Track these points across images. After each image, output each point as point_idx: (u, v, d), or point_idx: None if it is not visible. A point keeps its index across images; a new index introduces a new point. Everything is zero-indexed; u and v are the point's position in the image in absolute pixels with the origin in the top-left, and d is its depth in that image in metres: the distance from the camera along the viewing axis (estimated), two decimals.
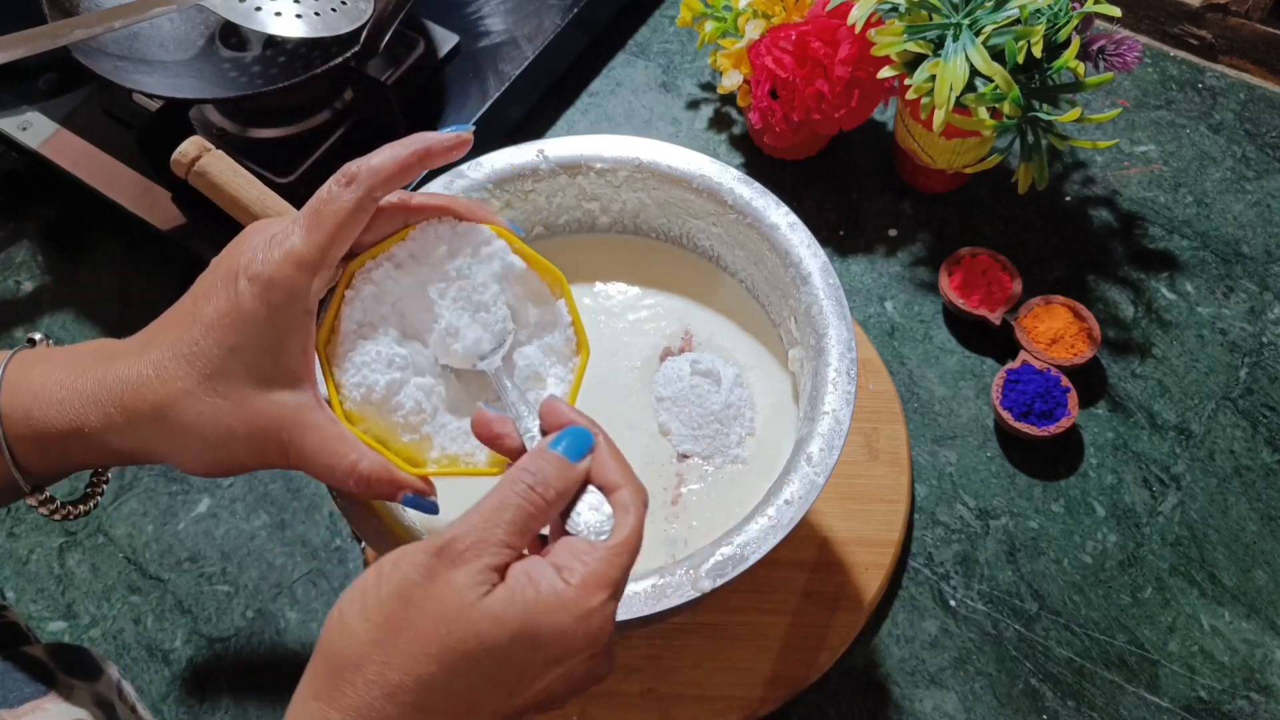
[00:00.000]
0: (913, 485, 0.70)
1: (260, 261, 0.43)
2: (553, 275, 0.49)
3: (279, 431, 0.44)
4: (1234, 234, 0.80)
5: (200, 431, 0.43)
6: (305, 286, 0.43)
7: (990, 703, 0.63)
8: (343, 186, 0.43)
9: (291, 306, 0.43)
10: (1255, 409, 0.72)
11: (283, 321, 0.43)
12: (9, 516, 0.72)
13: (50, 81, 0.83)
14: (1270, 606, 0.66)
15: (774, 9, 0.77)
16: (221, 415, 0.43)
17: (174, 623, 0.68)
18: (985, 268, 0.75)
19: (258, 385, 0.43)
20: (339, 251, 0.44)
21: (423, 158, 0.45)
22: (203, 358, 0.43)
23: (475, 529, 0.38)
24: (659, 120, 0.88)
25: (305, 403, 0.44)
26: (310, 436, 0.44)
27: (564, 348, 0.49)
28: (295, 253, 0.43)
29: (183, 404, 0.43)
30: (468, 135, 0.47)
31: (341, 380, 0.46)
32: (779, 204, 0.61)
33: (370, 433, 0.46)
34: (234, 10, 0.71)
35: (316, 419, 0.44)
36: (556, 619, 0.37)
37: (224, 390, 0.43)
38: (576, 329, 0.49)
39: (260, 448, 0.44)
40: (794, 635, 0.64)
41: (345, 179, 0.43)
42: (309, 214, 0.43)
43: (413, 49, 0.81)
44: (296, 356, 0.44)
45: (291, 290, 0.43)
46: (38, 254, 0.84)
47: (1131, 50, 0.69)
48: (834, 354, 0.56)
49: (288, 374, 0.44)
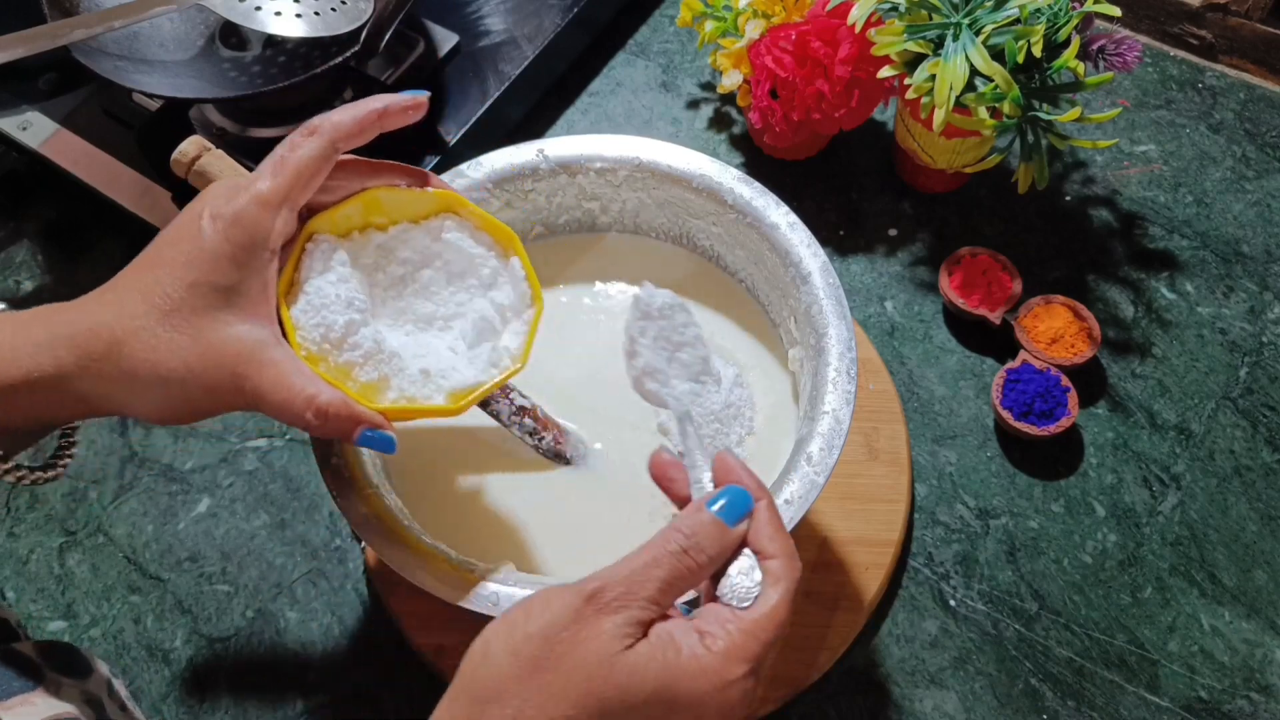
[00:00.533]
0: (913, 485, 0.70)
1: (225, 202, 0.44)
2: (504, 234, 0.52)
3: (236, 365, 0.44)
4: (1234, 234, 0.79)
5: (156, 370, 0.43)
6: (268, 225, 0.44)
7: (990, 703, 0.63)
8: (305, 136, 0.45)
9: (254, 245, 0.44)
10: (1255, 409, 0.72)
11: (245, 258, 0.43)
12: (9, 516, 0.72)
13: (50, 81, 0.83)
14: (1270, 606, 0.66)
15: (774, 9, 0.77)
16: (178, 350, 0.43)
17: (174, 623, 0.68)
18: (985, 267, 0.75)
19: (216, 321, 0.43)
20: (300, 196, 0.45)
21: (381, 115, 0.48)
22: (161, 294, 0.43)
23: (625, 580, 0.38)
24: (659, 120, 0.88)
25: (264, 338, 0.44)
26: (268, 371, 0.44)
27: (519, 302, 0.51)
28: (260, 193, 0.44)
29: (138, 340, 0.43)
30: (423, 99, 0.50)
31: (300, 321, 0.46)
32: (779, 204, 0.61)
33: (329, 373, 0.46)
34: (234, 10, 0.71)
35: (275, 354, 0.44)
36: (694, 684, 0.37)
37: (182, 325, 0.43)
38: (531, 283, 0.51)
39: (216, 385, 0.44)
40: (794, 635, 0.64)
41: (309, 130, 0.46)
42: (273, 160, 0.45)
43: (413, 49, 0.81)
44: (256, 295, 0.44)
45: (255, 227, 0.44)
46: (38, 254, 0.84)
47: (1131, 50, 0.69)
48: (834, 354, 0.56)
49: (247, 310, 0.44)
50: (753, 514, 0.41)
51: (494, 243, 0.52)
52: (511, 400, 0.57)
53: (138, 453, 0.74)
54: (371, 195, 0.50)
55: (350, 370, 0.47)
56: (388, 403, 0.47)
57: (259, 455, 0.74)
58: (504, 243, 0.52)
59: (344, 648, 0.67)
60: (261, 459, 0.73)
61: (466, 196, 0.62)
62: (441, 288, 0.51)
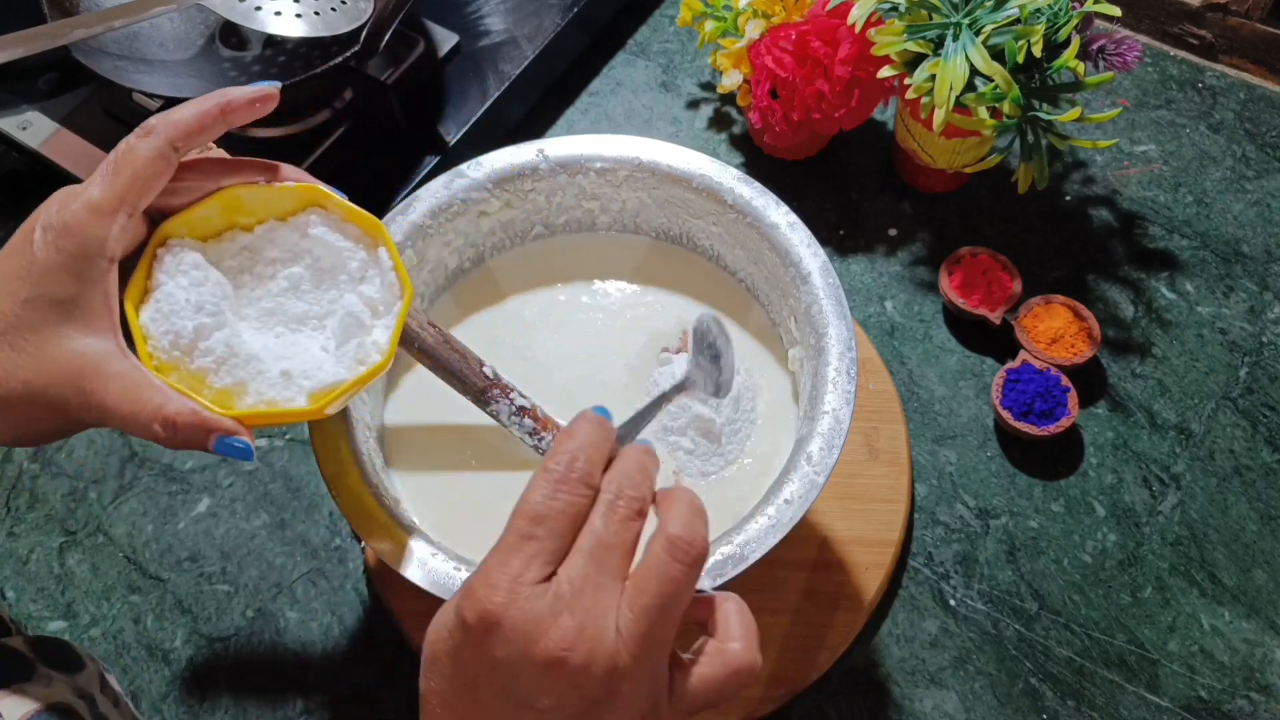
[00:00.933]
0: (913, 485, 0.70)
1: (56, 212, 0.42)
2: (370, 224, 0.49)
3: (80, 381, 0.42)
4: (1234, 234, 0.79)
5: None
6: (102, 234, 0.42)
7: (990, 702, 0.63)
8: (140, 138, 0.43)
9: (88, 255, 0.42)
10: (1255, 408, 0.72)
11: (80, 268, 0.42)
12: (9, 516, 0.72)
13: (50, 81, 0.83)
14: (1270, 606, 0.66)
15: (774, 9, 0.77)
16: (17, 370, 0.41)
17: (174, 622, 0.68)
18: (985, 267, 0.75)
19: (56, 335, 0.42)
20: (138, 200, 0.43)
21: (225, 110, 0.45)
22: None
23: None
24: (659, 120, 0.88)
25: (106, 350, 0.42)
26: (113, 385, 0.42)
27: (387, 294, 0.50)
28: (91, 200, 0.42)
29: None
30: (272, 90, 0.46)
31: (149, 330, 0.45)
32: (779, 203, 0.61)
33: (182, 382, 0.44)
34: (234, 10, 0.71)
35: (120, 366, 0.42)
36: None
37: (18, 344, 0.41)
38: (399, 272, 0.49)
39: (59, 402, 0.42)
40: (794, 635, 0.64)
41: (144, 131, 0.43)
42: (106, 164, 0.43)
43: (413, 49, 0.81)
44: (97, 305, 0.42)
45: (87, 236, 0.42)
46: None
47: (1131, 50, 0.69)
48: (834, 353, 0.56)
49: (88, 323, 0.42)
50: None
51: (361, 234, 0.50)
52: (511, 400, 0.57)
53: (138, 452, 0.74)
54: (230, 194, 0.47)
55: (204, 377, 0.45)
56: (244, 408, 0.45)
57: (259, 455, 0.74)
58: (371, 233, 0.50)
59: (344, 648, 0.67)
60: (261, 459, 0.73)
61: (466, 196, 0.62)
62: (312, 285, 0.49)
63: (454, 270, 0.66)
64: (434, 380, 0.57)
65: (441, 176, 0.62)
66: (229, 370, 0.45)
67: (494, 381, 0.57)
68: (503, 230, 0.66)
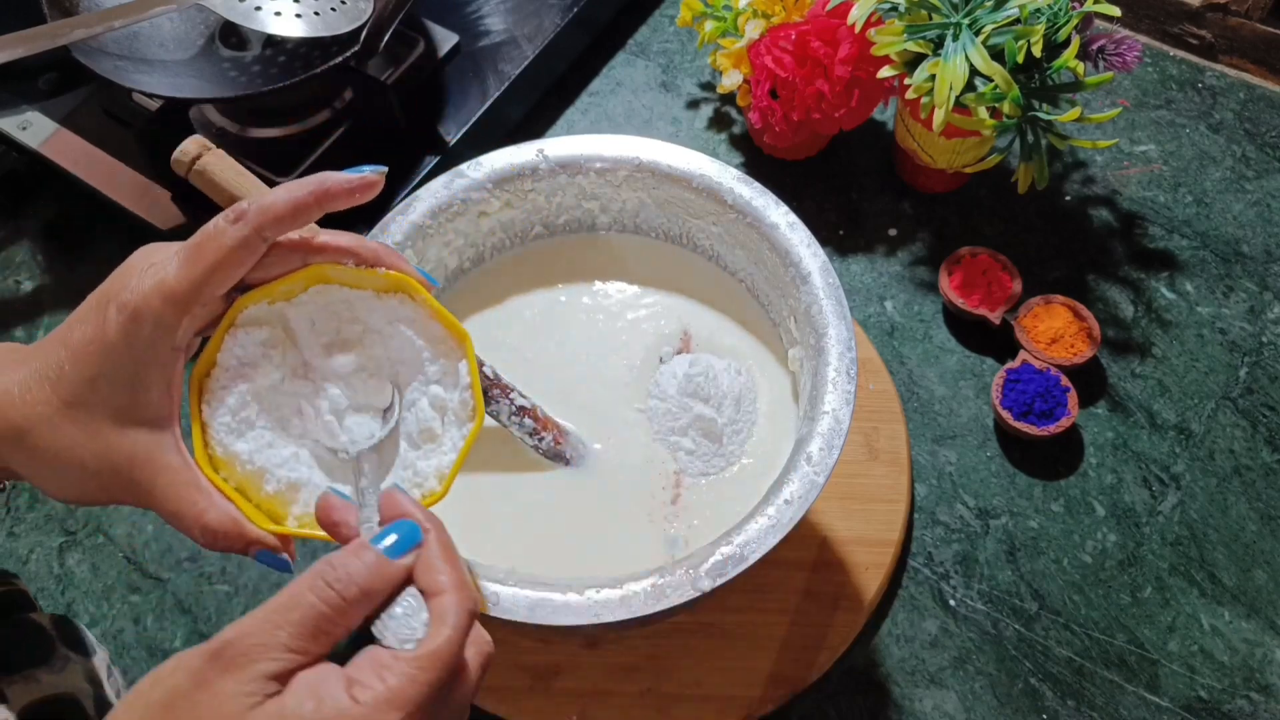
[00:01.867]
0: (913, 485, 0.70)
1: (131, 290, 0.41)
2: (458, 333, 0.46)
3: (130, 470, 0.42)
4: (1234, 234, 0.80)
5: (55, 460, 0.41)
6: (173, 322, 0.41)
7: (990, 702, 0.63)
8: (230, 223, 0.41)
9: (156, 341, 0.41)
10: (1255, 408, 0.72)
11: (145, 355, 0.41)
12: (9, 516, 0.72)
13: (50, 81, 0.83)
14: (1270, 606, 0.66)
15: (774, 9, 0.77)
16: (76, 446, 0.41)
17: (174, 623, 0.68)
18: (985, 267, 0.75)
19: (114, 420, 0.41)
20: (216, 288, 0.42)
21: (320, 199, 0.43)
22: (65, 383, 0.41)
23: (257, 630, 0.34)
24: (659, 120, 0.88)
25: (161, 443, 0.42)
26: (161, 479, 0.42)
27: (460, 410, 0.46)
28: (166, 285, 0.40)
29: (40, 429, 0.41)
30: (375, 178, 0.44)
31: (211, 421, 0.44)
32: (779, 203, 0.61)
33: (233, 480, 0.44)
34: (234, 10, 0.71)
35: (170, 460, 0.42)
36: None
37: (82, 420, 0.41)
38: (475, 393, 0.45)
39: (109, 485, 0.42)
40: (794, 635, 0.64)
41: (234, 215, 0.41)
42: (190, 246, 0.41)
43: (413, 49, 0.81)
44: (158, 394, 0.42)
45: (157, 324, 0.40)
46: (38, 254, 0.84)
47: (1131, 50, 0.69)
48: (834, 353, 0.56)
49: (146, 412, 0.42)
50: (421, 546, 0.38)
51: (446, 336, 0.46)
52: (511, 400, 0.57)
53: None
54: (318, 271, 0.45)
55: (259, 480, 0.44)
56: (293, 519, 0.44)
57: None
58: (457, 339, 0.46)
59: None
60: None
61: (466, 196, 0.62)
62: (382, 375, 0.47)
63: (454, 270, 0.66)
64: None
65: (441, 176, 0.62)
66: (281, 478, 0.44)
67: (494, 381, 0.57)
68: (503, 230, 0.66)
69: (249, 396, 0.44)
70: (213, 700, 0.33)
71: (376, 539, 0.37)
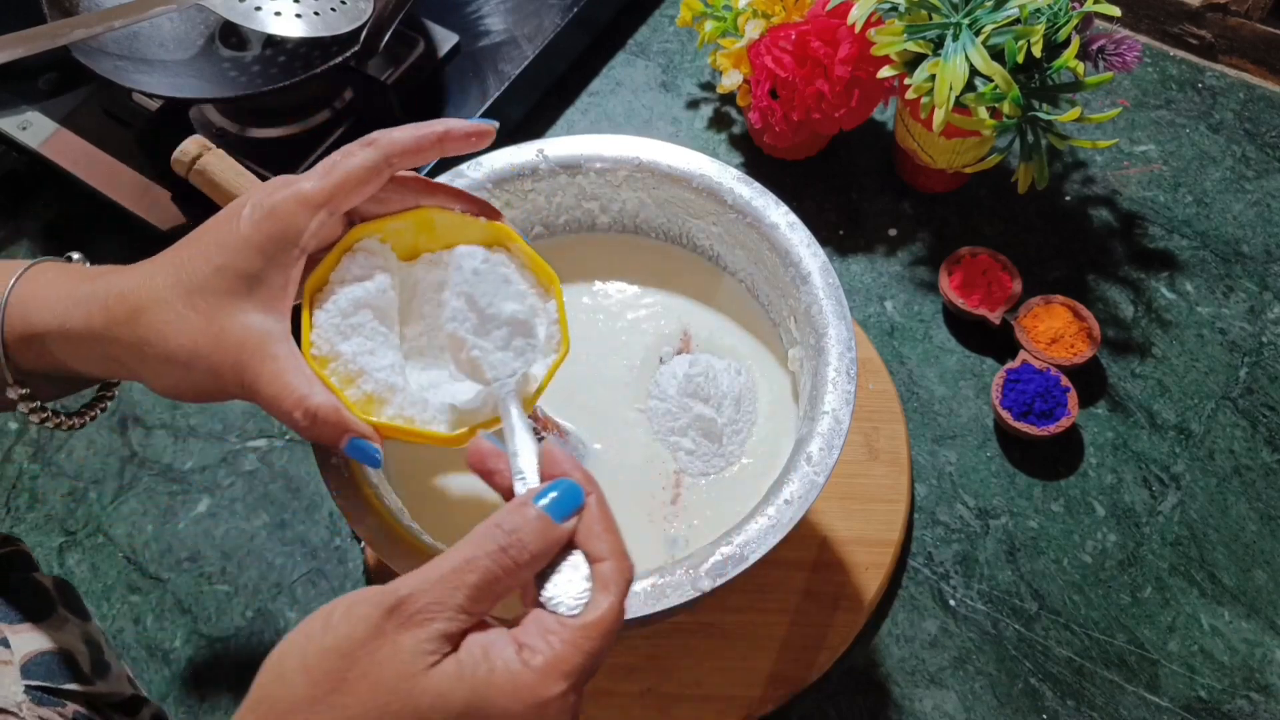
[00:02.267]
0: (912, 485, 0.70)
1: (267, 194, 0.44)
2: (548, 275, 0.50)
3: (240, 353, 0.43)
4: (1234, 234, 0.80)
5: (167, 343, 0.43)
6: (303, 223, 0.44)
7: (990, 702, 0.63)
8: (362, 147, 0.45)
9: (285, 238, 0.44)
10: (1255, 409, 0.72)
11: (273, 250, 0.43)
12: (9, 516, 0.72)
13: (50, 81, 0.83)
14: (1270, 606, 0.66)
15: (774, 9, 0.77)
16: (190, 329, 0.43)
17: (174, 622, 0.68)
18: (985, 267, 0.75)
19: (232, 306, 0.43)
20: (344, 202, 0.45)
21: (442, 138, 0.47)
22: (188, 270, 0.43)
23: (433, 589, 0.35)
24: (659, 120, 0.88)
25: (272, 331, 0.44)
26: (268, 365, 0.43)
27: (546, 344, 0.50)
28: (301, 190, 0.44)
29: (156, 310, 0.43)
30: (490, 128, 0.48)
31: (320, 322, 0.46)
32: (778, 203, 0.61)
33: (334, 376, 0.45)
34: (234, 10, 0.71)
35: (279, 349, 0.44)
36: (507, 705, 0.34)
37: (200, 305, 0.43)
38: (562, 328, 0.50)
39: (218, 369, 0.43)
40: (794, 635, 0.64)
41: (366, 141, 0.45)
42: (324, 163, 0.45)
43: (412, 49, 0.81)
44: (277, 288, 0.44)
45: (289, 221, 0.44)
46: (38, 254, 0.84)
47: (1131, 50, 0.69)
48: (834, 354, 0.56)
49: (264, 302, 0.44)
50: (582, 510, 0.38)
51: (537, 281, 0.51)
52: None
53: (138, 453, 0.74)
54: (425, 215, 0.49)
55: (355, 379, 0.46)
56: (384, 418, 0.46)
57: (259, 455, 0.74)
58: (546, 283, 0.51)
59: None
60: (261, 459, 0.73)
61: None
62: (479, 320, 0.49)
63: None
64: None
65: (441, 176, 0.62)
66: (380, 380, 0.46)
67: None
68: None
69: (362, 303, 0.46)
70: (392, 654, 0.34)
71: (539, 497, 0.38)
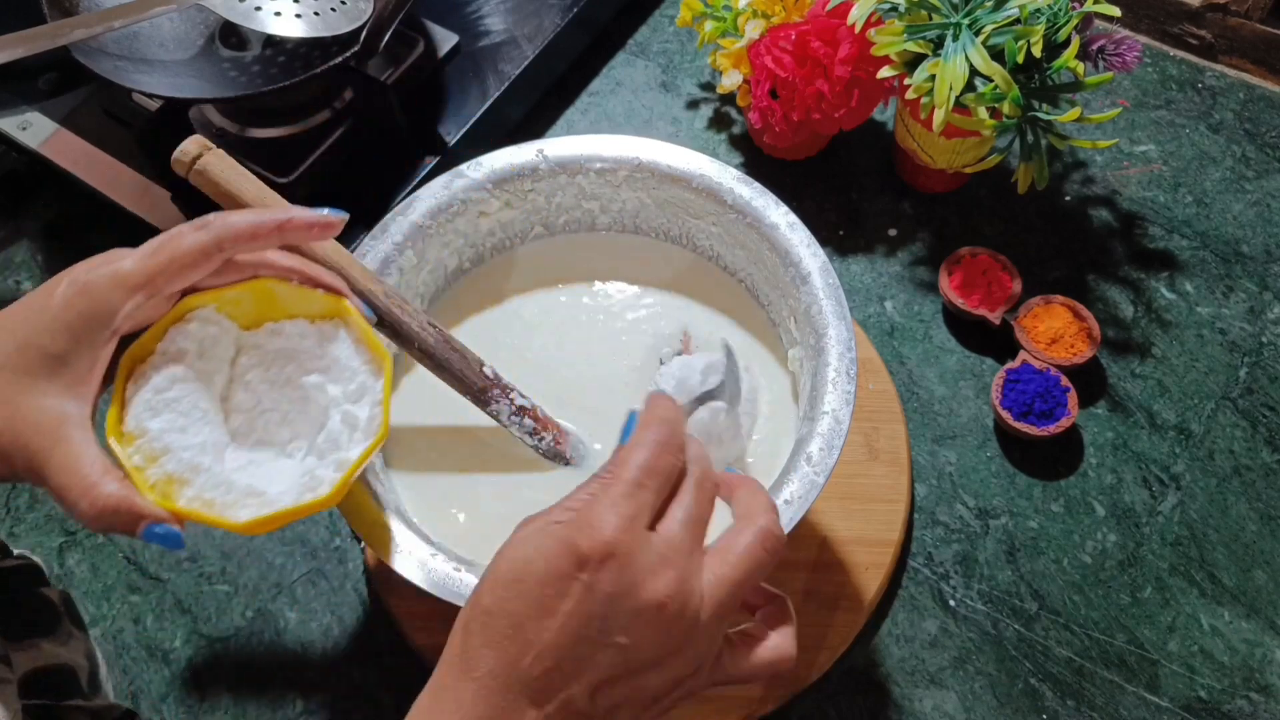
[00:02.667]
0: (912, 485, 0.70)
1: (85, 269, 0.43)
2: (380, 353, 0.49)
3: (34, 437, 0.41)
4: (1234, 234, 0.80)
5: None
6: (118, 304, 0.42)
7: (990, 702, 0.63)
8: (195, 230, 0.44)
9: (96, 318, 0.42)
10: (1255, 409, 0.72)
11: (82, 329, 0.42)
12: (9, 516, 0.72)
13: (50, 81, 0.83)
14: (1270, 606, 0.66)
15: (774, 9, 0.77)
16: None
17: (174, 623, 0.68)
18: (985, 267, 0.75)
19: (31, 386, 0.42)
20: (167, 284, 0.44)
21: (282, 227, 0.46)
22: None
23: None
24: (659, 120, 0.88)
25: (70, 415, 0.42)
26: (59, 450, 0.41)
27: (367, 425, 0.48)
28: (120, 270, 0.42)
29: None
30: (335, 220, 0.47)
31: (132, 398, 0.44)
32: (778, 204, 0.61)
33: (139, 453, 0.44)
34: (234, 10, 0.71)
35: (73, 434, 0.42)
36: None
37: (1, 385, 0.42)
38: (384, 410, 0.48)
39: (7, 452, 0.42)
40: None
41: (200, 224, 0.44)
42: (152, 242, 0.44)
43: (413, 49, 0.81)
44: (82, 371, 0.42)
45: (102, 301, 0.42)
46: (38, 254, 0.84)
47: (1131, 50, 0.69)
48: (834, 354, 0.56)
49: (66, 384, 0.42)
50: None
51: (371, 358, 0.49)
52: (511, 400, 0.57)
53: None
54: (264, 285, 0.48)
55: (159, 457, 0.44)
56: (183, 501, 0.44)
57: None
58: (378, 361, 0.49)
59: (343, 648, 0.67)
60: None
61: (466, 196, 0.62)
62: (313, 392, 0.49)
63: (454, 270, 0.66)
64: (434, 381, 0.57)
65: (441, 177, 0.62)
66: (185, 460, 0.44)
67: (494, 381, 0.57)
68: (502, 230, 0.66)
69: (179, 378, 0.45)
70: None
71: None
